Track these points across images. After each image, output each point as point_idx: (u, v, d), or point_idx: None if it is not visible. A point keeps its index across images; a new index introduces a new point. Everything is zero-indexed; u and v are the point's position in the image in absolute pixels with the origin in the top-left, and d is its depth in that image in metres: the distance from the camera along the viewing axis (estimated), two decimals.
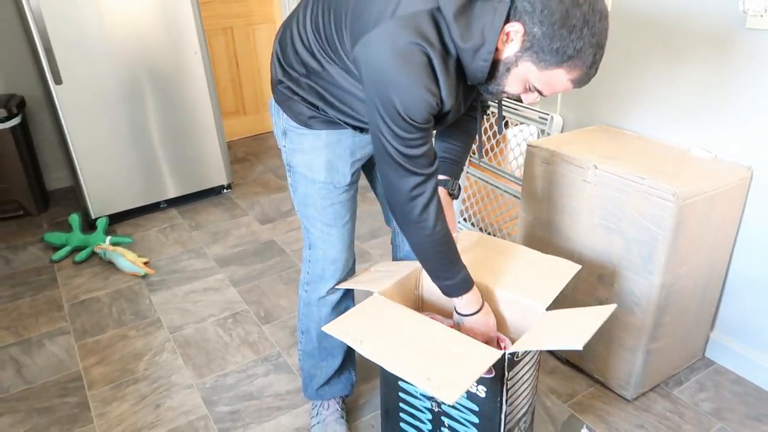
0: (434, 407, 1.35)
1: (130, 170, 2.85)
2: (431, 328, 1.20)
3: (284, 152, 1.39)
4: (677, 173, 1.52)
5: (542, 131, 2.13)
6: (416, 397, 1.37)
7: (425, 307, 1.52)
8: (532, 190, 1.79)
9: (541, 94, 1.09)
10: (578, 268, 1.39)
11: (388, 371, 1.38)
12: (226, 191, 3.22)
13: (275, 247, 2.63)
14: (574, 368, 1.82)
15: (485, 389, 1.22)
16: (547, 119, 2.10)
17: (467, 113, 1.40)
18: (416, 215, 1.15)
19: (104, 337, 2.08)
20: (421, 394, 1.35)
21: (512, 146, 2.32)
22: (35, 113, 3.22)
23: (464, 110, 1.24)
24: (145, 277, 2.44)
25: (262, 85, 4.01)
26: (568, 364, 1.84)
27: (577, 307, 1.73)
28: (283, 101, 1.31)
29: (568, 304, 1.76)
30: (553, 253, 1.77)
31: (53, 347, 2.04)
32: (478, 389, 1.24)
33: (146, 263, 2.52)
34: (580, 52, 0.99)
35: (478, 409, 1.26)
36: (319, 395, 1.62)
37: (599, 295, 1.66)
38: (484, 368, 1.06)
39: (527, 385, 1.30)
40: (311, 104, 1.26)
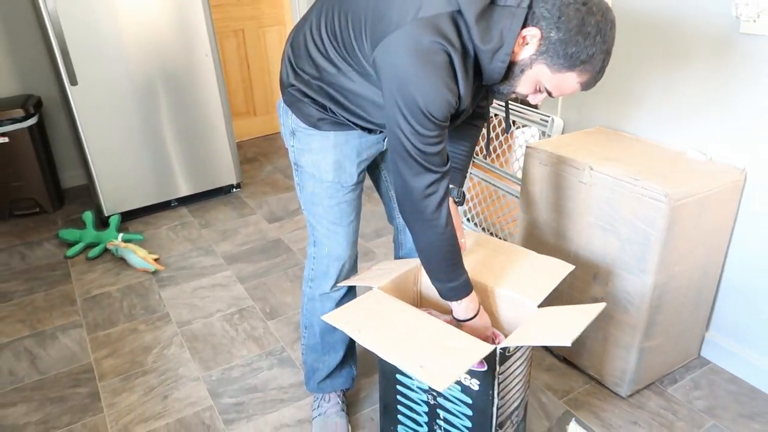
0: (430, 400, 1.39)
1: (142, 169, 2.91)
2: (427, 322, 1.24)
3: (292, 152, 1.42)
4: (671, 175, 1.55)
5: (543, 133, 2.17)
6: (413, 390, 1.41)
7: (424, 303, 1.56)
8: (530, 190, 1.83)
9: (550, 95, 1.14)
10: (571, 268, 1.43)
11: (386, 366, 1.43)
12: (235, 190, 3.27)
13: (282, 245, 2.68)
14: (570, 365, 1.86)
15: (478, 383, 1.26)
16: (548, 121, 2.13)
17: (470, 121, 1.44)
18: (430, 213, 1.18)
19: (115, 330, 2.15)
20: (417, 387, 1.39)
21: (514, 148, 2.36)
22: (51, 113, 3.29)
23: (472, 111, 1.27)
24: (155, 273, 2.50)
25: (272, 86, 4.07)
26: (564, 361, 1.87)
27: (572, 305, 1.76)
28: (292, 103, 1.34)
29: (563, 302, 1.79)
30: (549, 252, 1.81)
31: (66, 340, 2.11)
32: (471, 382, 1.28)
33: (156, 260, 2.58)
34: (592, 57, 1.05)
35: (471, 402, 1.30)
36: (320, 388, 1.67)
37: (594, 293, 1.69)
38: (475, 360, 1.11)
39: (519, 379, 1.34)
40: (321, 106, 1.30)
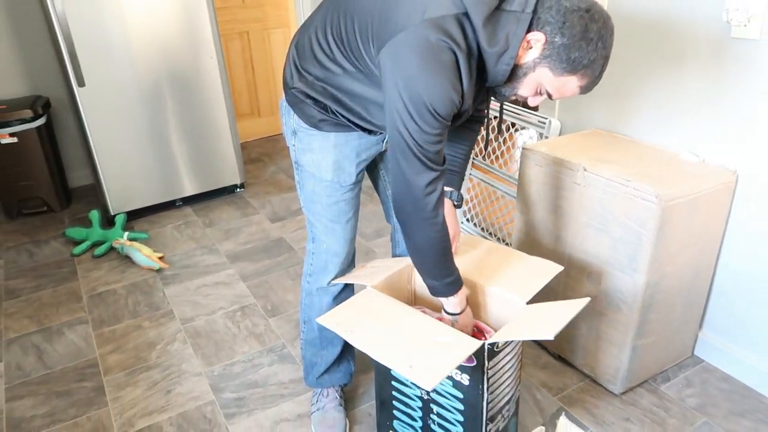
0: (424, 396, 1.43)
1: (147, 169, 2.96)
2: (419, 319, 1.28)
3: (293, 151, 1.45)
4: (663, 176, 1.57)
5: (541, 135, 2.19)
6: (407, 386, 1.44)
7: (418, 301, 1.59)
8: (526, 191, 1.86)
9: (550, 97, 1.18)
10: (560, 268, 1.46)
11: (381, 364, 1.46)
12: (239, 190, 3.32)
13: (284, 244, 2.73)
14: (565, 363, 1.88)
15: (468, 378, 1.30)
16: (545, 123, 2.16)
17: (467, 125, 1.47)
18: (430, 211, 1.21)
19: (120, 326, 2.19)
20: (411, 383, 1.43)
21: (513, 150, 2.38)
22: (59, 114, 3.34)
23: (471, 112, 1.31)
24: (159, 271, 2.55)
25: (276, 88, 4.11)
26: (560, 359, 1.90)
27: None
28: (295, 103, 1.37)
29: (557, 300, 1.82)
30: (544, 251, 1.84)
31: (72, 335, 2.16)
32: (462, 377, 1.31)
33: (161, 258, 2.62)
34: (593, 62, 1.10)
35: (462, 396, 1.33)
36: (319, 383, 1.70)
37: (588, 292, 1.72)
38: (462, 357, 1.14)
39: (509, 375, 1.37)
40: (322, 107, 1.33)
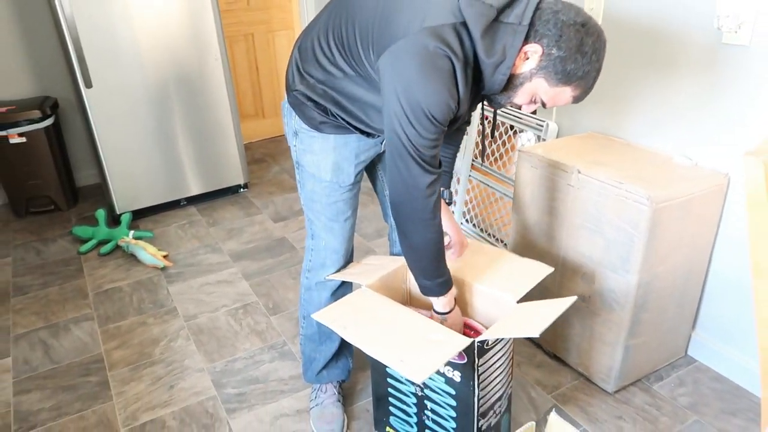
0: (418, 392, 1.46)
1: (153, 169, 3.01)
2: (412, 318, 1.31)
3: (294, 151, 1.49)
4: (655, 179, 1.60)
5: (539, 137, 2.23)
6: (403, 383, 1.48)
7: (413, 301, 1.63)
8: (522, 193, 1.89)
9: (544, 106, 1.22)
10: (550, 270, 1.49)
11: (377, 360, 1.49)
12: (243, 190, 3.36)
13: (286, 243, 2.77)
14: (560, 362, 1.91)
15: (460, 374, 1.33)
16: (543, 126, 2.19)
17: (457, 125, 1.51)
18: (429, 212, 1.24)
19: (125, 323, 2.24)
20: (406, 380, 1.46)
21: (512, 152, 2.42)
22: (67, 115, 3.40)
23: (467, 118, 1.34)
24: (164, 269, 2.60)
25: (280, 89, 4.16)
26: (555, 358, 1.93)
27: None
28: (296, 105, 1.41)
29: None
30: (540, 251, 1.87)
31: (78, 331, 2.21)
32: (453, 374, 1.35)
33: (165, 256, 2.66)
34: (587, 74, 1.14)
35: (455, 392, 1.37)
36: (318, 379, 1.74)
37: (582, 292, 1.75)
38: (452, 354, 1.17)
39: (500, 372, 1.40)
40: (323, 110, 1.36)
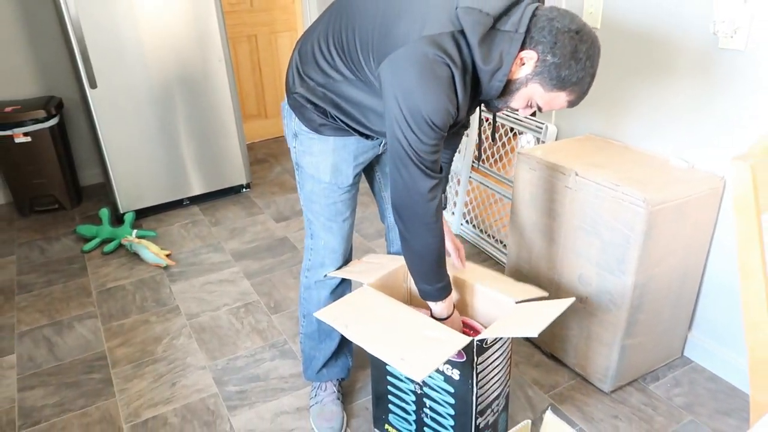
0: (417, 390, 1.49)
1: (156, 169, 3.04)
2: (411, 316, 1.34)
3: (294, 152, 1.52)
4: (652, 181, 1.63)
5: (538, 139, 2.25)
6: (402, 381, 1.50)
7: (413, 300, 1.65)
8: (521, 194, 1.92)
9: (539, 110, 1.25)
10: (545, 294, 1.50)
11: (376, 359, 1.52)
12: (245, 190, 3.39)
13: (287, 243, 2.79)
14: (557, 362, 1.94)
15: (459, 373, 1.36)
16: (542, 128, 2.22)
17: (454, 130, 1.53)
18: (431, 216, 1.27)
19: (128, 321, 2.27)
20: (406, 378, 1.49)
21: (512, 154, 2.44)
22: (72, 114, 3.43)
23: (466, 122, 1.37)
24: (166, 268, 2.62)
25: (282, 90, 4.18)
26: (552, 358, 1.95)
27: None
28: (296, 107, 1.43)
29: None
30: (537, 253, 1.89)
31: (82, 329, 2.24)
32: (452, 373, 1.37)
33: (168, 255, 2.69)
34: (581, 80, 1.17)
35: (453, 391, 1.39)
36: (318, 377, 1.76)
37: (579, 293, 1.77)
38: (451, 352, 1.20)
39: (498, 371, 1.43)
40: (322, 112, 1.39)
